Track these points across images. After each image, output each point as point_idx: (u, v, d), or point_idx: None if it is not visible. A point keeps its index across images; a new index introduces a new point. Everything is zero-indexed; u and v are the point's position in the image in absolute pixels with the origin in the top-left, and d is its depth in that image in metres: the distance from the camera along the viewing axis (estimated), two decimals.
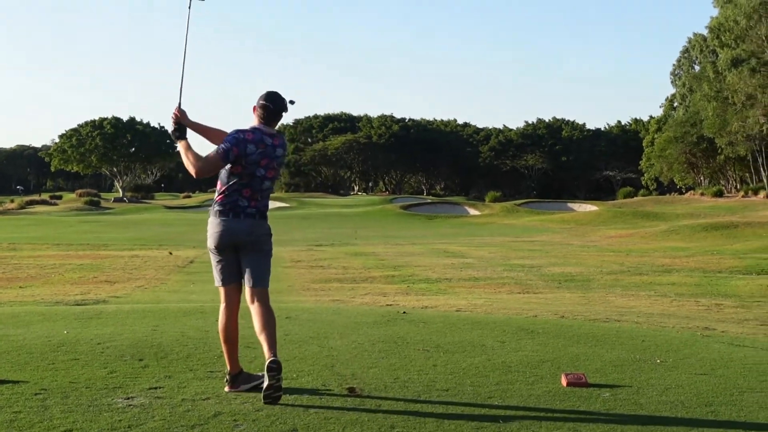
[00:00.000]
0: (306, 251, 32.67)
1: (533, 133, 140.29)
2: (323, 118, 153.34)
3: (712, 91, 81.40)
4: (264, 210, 6.15)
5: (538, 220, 62.80)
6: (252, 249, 6.03)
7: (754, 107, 73.54)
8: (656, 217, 59.71)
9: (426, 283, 20.58)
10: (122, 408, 5.37)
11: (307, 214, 68.60)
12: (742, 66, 74.08)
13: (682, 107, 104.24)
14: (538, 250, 34.06)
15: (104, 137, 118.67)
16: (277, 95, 6.18)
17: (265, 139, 6.06)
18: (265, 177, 6.08)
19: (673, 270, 24.58)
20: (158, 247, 35.14)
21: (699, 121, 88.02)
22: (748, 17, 75.13)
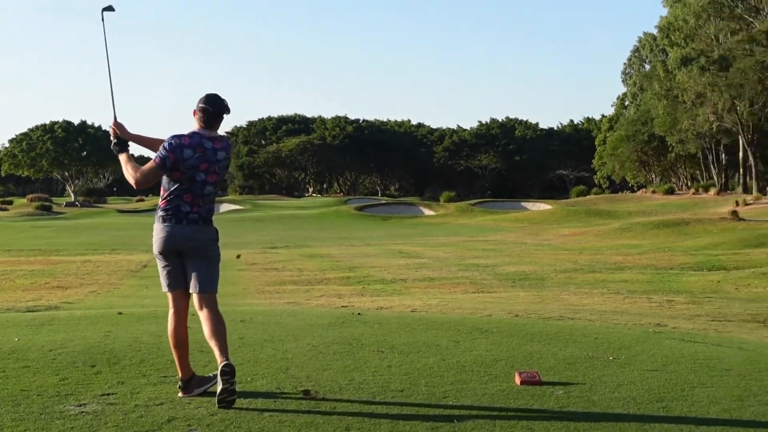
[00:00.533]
0: (260, 254, 32.56)
1: (487, 133, 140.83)
2: (277, 119, 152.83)
3: (663, 90, 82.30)
4: (208, 215, 6.08)
5: (492, 220, 63.07)
6: (196, 255, 5.97)
7: (704, 105, 74.43)
8: (609, 215, 60.21)
9: (381, 284, 20.61)
10: (74, 415, 5.32)
11: (261, 217, 68.36)
12: (691, 65, 74.97)
13: (633, 106, 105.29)
14: (492, 250, 34.22)
15: (55, 141, 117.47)
16: (217, 97, 6.09)
17: (205, 142, 5.97)
18: (206, 182, 5.99)
19: (625, 267, 24.82)
20: (111, 252, 34.83)
21: (650, 120, 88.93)
22: (697, 16, 76.12)
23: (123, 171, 6.16)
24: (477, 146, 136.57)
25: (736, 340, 9.88)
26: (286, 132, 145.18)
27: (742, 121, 73.69)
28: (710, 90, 72.57)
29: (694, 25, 77.45)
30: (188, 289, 6.04)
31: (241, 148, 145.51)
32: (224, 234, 25.48)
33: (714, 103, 73.34)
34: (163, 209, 6.02)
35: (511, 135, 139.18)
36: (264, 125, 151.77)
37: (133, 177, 6.04)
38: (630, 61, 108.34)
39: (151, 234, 6.19)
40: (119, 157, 6.25)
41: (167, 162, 5.88)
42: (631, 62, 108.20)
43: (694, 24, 77.31)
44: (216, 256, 6.11)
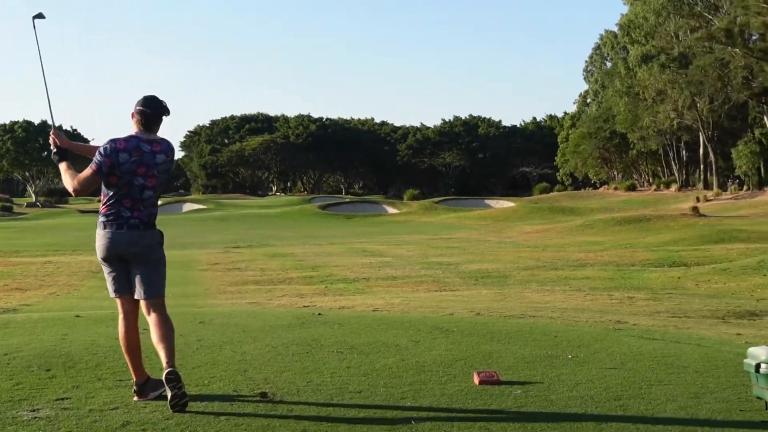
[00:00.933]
0: (223, 253, 32.43)
1: (450, 130, 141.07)
2: (240, 118, 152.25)
3: (624, 87, 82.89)
4: (149, 219, 5.99)
5: (455, 218, 63.23)
6: (140, 260, 5.91)
7: (665, 102, 75.05)
8: (571, 212, 60.56)
9: (344, 283, 20.58)
10: (27, 421, 5.24)
11: (224, 216, 68.09)
12: (652, 62, 75.59)
13: (595, 103, 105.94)
14: (455, 248, 34.29)
15: (16, 141, 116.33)
16: (155, 99, 6.01)
17: (143, 146, 5.87)
18: (145, 186, 5.89)
19: (587, 264, 24.95)
20: (72, 253, 34.53)
21: (611, 117, 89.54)
22: (657, 14, 76.72)
23: (62, 179, 6.07)
24: (440, 144, 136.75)
25: (695, 336, 9.95)
26: (249, 131, 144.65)
27: (703, 117, 74.38)
28: (671, 87, 73.19)
29: (655, 23, 78.04)
30: (134, 294, 5.97)
31: (204, 147, 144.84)
32: (187, 234, 25.66)
33: (674, 100, 73.97)
34: (104, 215, 5.93)
35: (475, 133, 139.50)
36: (227, 124, 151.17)
37: (71, 185, 5.96)
38: (592, 59, 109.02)
39: None
40: (59, 166, 6.15)
41: (103, 167, 5.79)
42: (592, 60, 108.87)
43: (655, 22, 77.90)
44: (161, 260, 6.04)
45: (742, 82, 65.42)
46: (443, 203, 78.18)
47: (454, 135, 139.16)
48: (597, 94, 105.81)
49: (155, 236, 6.03)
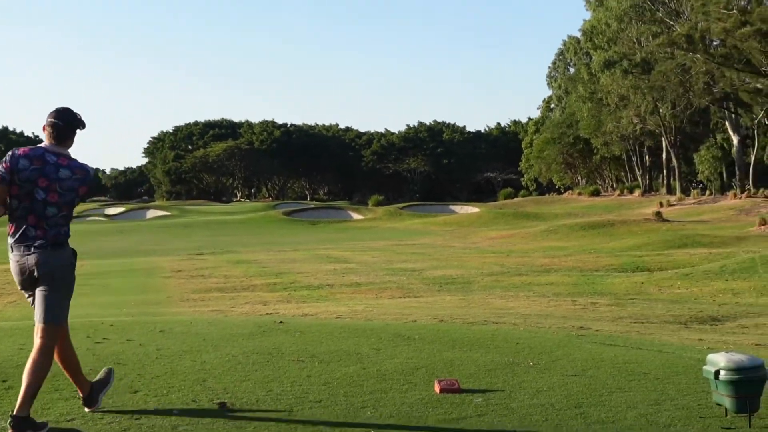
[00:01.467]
0: (187, 260, 32.23)
1: (415, 136, 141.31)
2: (203, 124, 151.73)
3: (587, 93, 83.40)
4: (57, 238, 5.60)
5: (420, 223, 63.28)
6: (43, 281, 5.55)
7: (627, 108, 75.57)
8: (536, 217, 60.77)
9: (308, 290, 20.51)
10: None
11: (188, 222, 67.72)
12: (614, 68, 76.07)
13: (559, 109, 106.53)
14: (420, 254, 34.29)
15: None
16: (68, 111, 5.69)
17: (48, 156, 5.57)
18: (48, 201, 5.52)
19: (551, 270, 25.02)
20: None
21: (575, 122, 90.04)
22: (619, 20, 77.23)
23: None
24: (405, 150, 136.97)
25: (657, 342, 9.99)
26: (213, 137, 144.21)
27: (665, 123, 74.94)
28: (633, 92, 73.70)
29: (617, 29, 78.57)
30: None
31: (168, 154, 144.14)
32: (151, 241, 25.49)
33: (637, 105, 74.49)
34: (11, 235, 5.59)
35: (439, 138, 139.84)
36: (191, 130, 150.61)
37: None
38: (555, 65, 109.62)
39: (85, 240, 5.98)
40: None
41: (5, 175, 5.46)
42: (556, 65, 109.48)
43: (617, 28, 78.43)
44: (66, 283, 5.66)
45: (703, 87, 66.00)
46: (408, 209, 78.22)
47: (419, 141, 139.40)
48: (560, 100, 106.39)
49: (65, 257, 5.66)
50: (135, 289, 21.31)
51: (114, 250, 41.39)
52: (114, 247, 44.27)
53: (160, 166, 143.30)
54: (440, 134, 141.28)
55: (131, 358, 7.55)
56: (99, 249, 42.66)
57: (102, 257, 36.31)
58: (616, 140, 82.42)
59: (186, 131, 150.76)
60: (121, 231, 59.27)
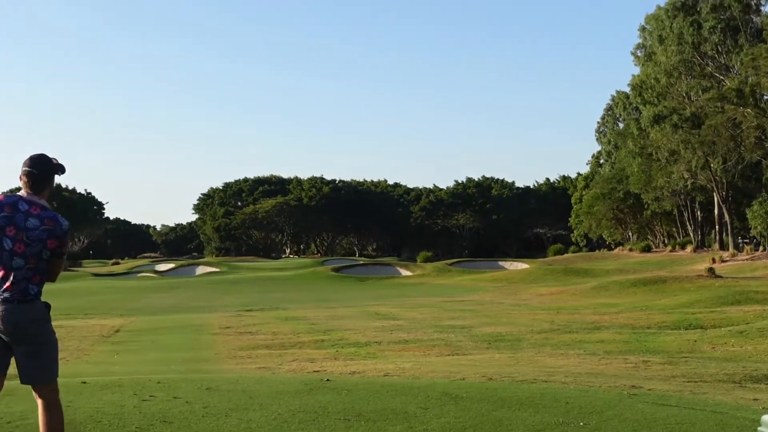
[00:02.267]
0: (235, 317, 32.30)
1: (463, 192, 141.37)
2: (253, 181, 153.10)
3: (637, 148, 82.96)
4: (26, 293, 5.37)
5: (469, 280, 62.99)
6: (19, 340, 5.35)
7: (678, 162, 75.03)
8: (586, 273, 60.27)
9: (355, 347, 20.43)
10: None
11: (237, 279, 68.03)
12: (664, 122, 75.71)
13: (608, 164, 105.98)
14: (469, 310, 34.09)
15: None
16: (42, 157, 5.53)
17: (20, 204, 5.42)
18: (15, 252, 5.33)
19: (602, 327, 24.73)
20: (84, 317, 34.53)
21: (625, 178, 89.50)
22: (669, 75, 77.07)
23: None
24: (454, 206, 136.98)
25: (711, 402, 9.79)
26: (263, 193, 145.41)
27: (716, 178, 74.29)
28: (683, 147, 73.21)
29: (666, 84, 78.39)
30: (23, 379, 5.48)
31: (218, 210, 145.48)
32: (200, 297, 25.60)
33: (687, 160, 73.94)
34: None
35: (488, 194, 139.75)
36: (240, 186, 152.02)
37: None
38: (604, 120, 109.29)
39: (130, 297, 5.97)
40: None
41: None
42: (605, 120, 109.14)
43: (666, 82, 78.26)
44: (45, 339, 5.44)
45: (754, 142, 65.47)
46: (457, 265, 77.99)
47: (468, 196, 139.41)
48: (610, 155, 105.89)
49: (35, 312, 5.41)
50: (183, 346, 21.39)
51: (163, 307, 41.65)
52: (163, 303, 44.54)
53: (210, 223, 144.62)
54: (489, 190, 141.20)
55: (177, 416, 7.54)
56: (148, 305, 42.95)
57: (151, 314, 36.55)
58: (667, 195, 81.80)
59: (235, 187, 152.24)
60: (171, 287, 59.66)
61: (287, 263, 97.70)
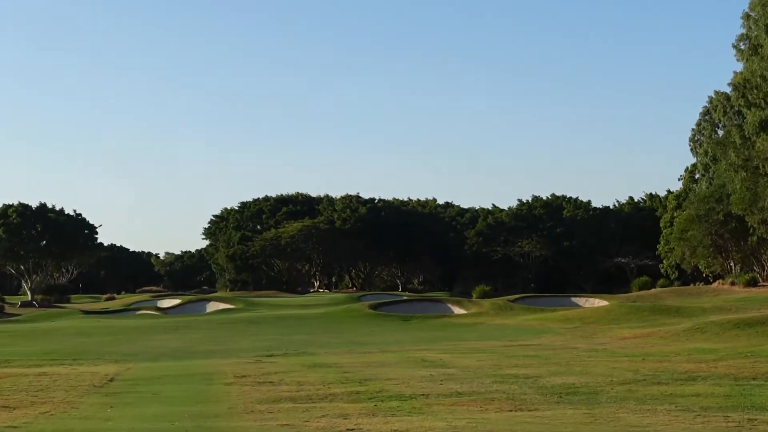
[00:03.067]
0: (253, 363, 32.39)
1: (528, 213, 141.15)
2: (275, 200, 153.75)
3: (740, 160, 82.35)
4: None
5: (536, 319, 62.77)
6: None
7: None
8: (678, 312, 59.85)
9: (398, 401, 20.40)
10: None
11: (256, 318, 68.26)
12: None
13: (705, 179, 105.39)
14: (535, 356, 33.96)
15: (9, 228, 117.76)
16: None
17: None
18: None
19: (698, 377, 24.54)
20: (72, 362, 34.74)
21: (725, 196, 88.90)
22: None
23: None
24: (517, 230, 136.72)
25: None
26: (287, 215, 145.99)
27: None
28: None
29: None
30: None
31: (233, 235, 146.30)
32: (211, 340, 25.92)
33: None
34: None
35: (558, 216, 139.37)
36: (260, 207, 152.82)
37: None
38: (699, 126, 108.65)
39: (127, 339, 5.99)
40: None
41: None
42: (700, 127, 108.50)
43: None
44: None
45: None
46: (521, 302, 77.76)
47: (534, 219, 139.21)
48: (707, 169, 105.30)
49: None
50: (191, 399, 21.46)
51: (167, 351, 41.84)
52: (167, 346, 44.76)
53: (223, 250, 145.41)
54: (560, 211, 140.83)
55: None
56: (149, 349, 43.18)
57: (153, 359, 36.73)
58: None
59: (254, 208, 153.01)
60: (176, 327, 59.97)
61: (316, 299, 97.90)
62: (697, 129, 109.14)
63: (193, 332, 55.80)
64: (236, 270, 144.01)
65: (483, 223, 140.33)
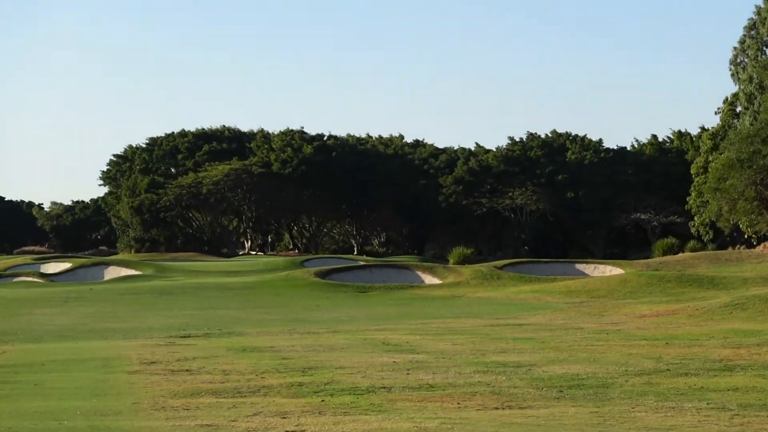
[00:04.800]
0: (165, 346, 32.41)
1: (522, 155, 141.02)
2: (194, 135, 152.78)
3: None
4: None
5: (530, 292, 63.05)
6: None
7: None
8: (713, 283, 60.26)
9: (351, 395, 20.48)
10: None
11: (168, 287, 68.15)
12: None
13: (749, 113, 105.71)
14: (528, 339, 34.16)
15: None
16: None
17: None
18: None
19: (736, 367, 24.75)
20: None
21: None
22: None
23: None
24: (507, 176, 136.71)
25: None
26: (210, 154, 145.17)
27: None
28: None
29: None
30: None
31: (139, 180, 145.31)
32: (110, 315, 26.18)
33: None
34: None
35: (561, 159, 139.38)
36: (175, 144, 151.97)
37: None
38: (743, 45, 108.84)
39: None
40: None
41: None
42: (744, 46, 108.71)
43: None
44: None
45: None
46: (511, 269, 77.97)
47: (529, 162, 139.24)
48: (752, 100, 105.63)
49: None
50: (84, 391, 21.43)
51: (54, 329, 41.76)
52: (54, 323, 44.66)
53: (127, 200, 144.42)
54: (562, 152, 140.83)
55: None
56: (31, 327, 43.06)
57: (35, 340, 36.65)
58: None
59: (167, 146, 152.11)
60: (66, 299, 59.79)
61: (247, 264, 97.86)
62: (740, 48, 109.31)
63: (87, 305, 55.62)
64: (143, 226, 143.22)
65: (463, 167, 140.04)
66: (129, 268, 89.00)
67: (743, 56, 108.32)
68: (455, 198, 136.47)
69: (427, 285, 71.82)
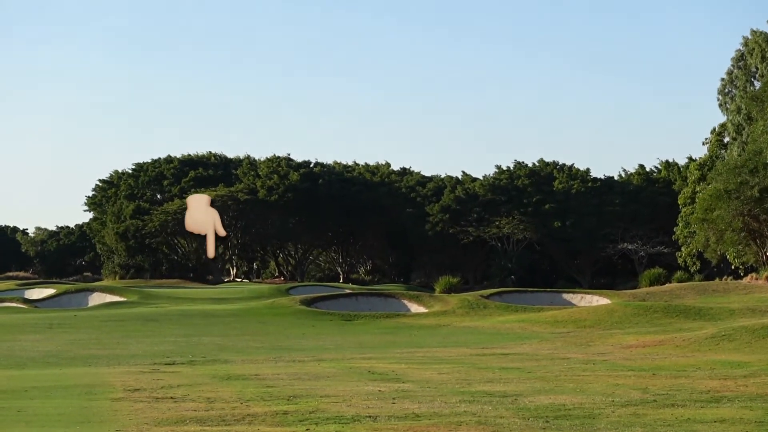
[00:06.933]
0: (149, 373, 32.39)
1: (509, 184, 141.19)
2: (180, 161, 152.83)
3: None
4: None
5: (517, 321, 63.12)
6: None
7: None
8: (700, 314, 60.34)
9: (336, 424, 20.50)
10: None
11: (153, 314, 68.14)
12: None
13: (737, 144, 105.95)
14: (515, 369, 34.17)
15: None
16: None
17: None
18: None
19: (723, 399, 24.79)
20: None
21: (762, 166, 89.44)
22: None
23: None
24: (494, 205, 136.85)
25: None
26: (196, 181, 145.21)
27: None
28: None
29: None
30: None
31: (125, 206, 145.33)
32: (94, 342, 26.10)
33: None
34: None
35: (548, 188, 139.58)
36: (161, 170, 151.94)
37: None
38: (731, 76, 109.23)
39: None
40: None
41: None
42: (732, 77, 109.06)
43: None
44: None
45: None
46: (497, 298, 78.03)
47: (516, 191, 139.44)
48: (740, 130, 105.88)
49: None
50: (67, 418, 21.40)
51: (37, 356, 41.69)
52: (37, 349, 44.59)
53: (112, 226, 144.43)
54: (549, 181, 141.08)
55: None
56: (14, 352, 42.98)
57: (18, 366, 36.57)
58: None
59: (153, 172, 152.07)
60: (50, 325, 59.68)
61: (232, 291, 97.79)
62: (728, 79, 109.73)
63: (71, 332, 55.56)
64: (128, 252, 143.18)
65: (450, 196, 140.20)
66: (114, 294, 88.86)
67: (731, 87, 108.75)
68: (442, 226, 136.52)
69: (413, 314, 71.84)
